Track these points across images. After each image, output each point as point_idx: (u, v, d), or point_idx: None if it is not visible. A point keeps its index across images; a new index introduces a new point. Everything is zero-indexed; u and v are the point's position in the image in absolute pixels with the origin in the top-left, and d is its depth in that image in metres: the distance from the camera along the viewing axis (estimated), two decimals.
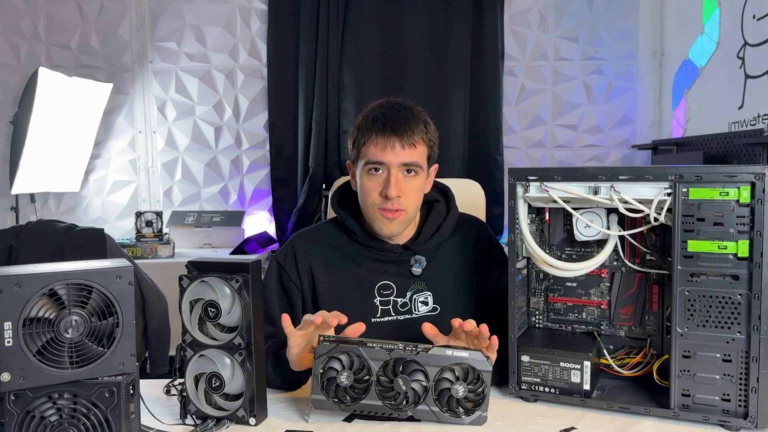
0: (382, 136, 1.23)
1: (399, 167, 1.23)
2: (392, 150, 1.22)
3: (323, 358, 1.03)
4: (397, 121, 1.24)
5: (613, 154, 3.45)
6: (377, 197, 1.25)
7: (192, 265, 1.02)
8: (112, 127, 3.51)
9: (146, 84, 3.49)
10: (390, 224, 1.26)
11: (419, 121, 1.26)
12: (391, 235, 1.29)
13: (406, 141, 1.23)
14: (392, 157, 1.23)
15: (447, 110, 3.32)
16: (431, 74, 3.33)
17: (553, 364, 1.10)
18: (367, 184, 1.26)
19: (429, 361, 1.00)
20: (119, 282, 0.90)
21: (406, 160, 1.23)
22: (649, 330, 1.16)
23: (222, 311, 0.99)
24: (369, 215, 1.28)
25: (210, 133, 3.51)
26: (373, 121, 1.25)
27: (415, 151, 1.24)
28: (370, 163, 1.24)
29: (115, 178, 3.54)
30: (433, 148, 1.29)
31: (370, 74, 3.32)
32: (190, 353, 1.02)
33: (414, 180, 1.25)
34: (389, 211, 1.25)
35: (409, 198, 1.25)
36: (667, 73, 3.29)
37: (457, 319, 1.05)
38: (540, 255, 1.10)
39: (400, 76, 3.33)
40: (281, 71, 3.39)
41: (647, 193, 1.01)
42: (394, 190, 1.22)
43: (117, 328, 0.90)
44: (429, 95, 3.31)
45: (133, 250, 3.04)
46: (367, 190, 1.26)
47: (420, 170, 1.26)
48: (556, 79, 3.42)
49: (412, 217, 1.30)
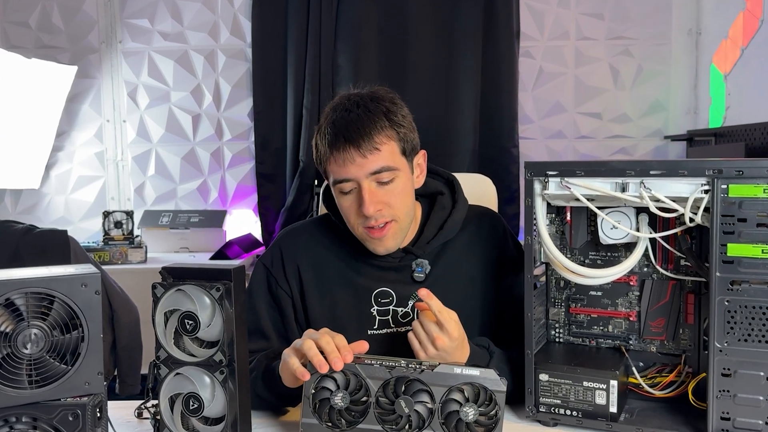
0: (336, 150, 1.20)
1: (368, 178, 1.21)
2: (352, 163, 1.19)
3: (315, 376, 1.03)
4: (348, 127, 1.20)
5: (643, 146, 3.45)
6: (357, 217, 1.24)
7: (167, 272, 1.02)
8: (77, 115, 3.51)
9: (115, 67, 3.49)
10: (382, 242, 1.26)
11: (377, 115, 1.22)
12: (386, 252, 1.29)
13: (364, 148, 1.19)
14: (355, 170, 1.20)
15: (455, 96, 3.32)
16: (437, 55, 3.33)
17: (576, 384, 1.10)
18: (343, 205, 1.26)
19: (435, 380, 1.00)
20: (84, 291, 0.90)
21: (372, 168, 1.20)
22: (683, 345, 1.16)
23: (201, 324, 0.99)
24: (357, 236, 1.28)
25: (187, 123, 3.51)
26: (324, 135, 1.23)
27: (380, 154, 1.20)
28: (336, 182, 1.23)
29: (80, 174, 3.54)
30: (406, 138, 1.25)
31: (369, 56, 3.32)
32: (164, 371, 1.02)
33: (393, 185, 1.23)
34: (375, 230, 1.24)
35: (394, 206, 1.24)
36: (705, 54, 3.29)
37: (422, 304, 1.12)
38: (560, 260, 1.10)
39: (402, 57, 3.33)
40: (268, 52, 3.39)
41: (682, 191, 1.01)
42: (371, 207, 1.20)
43: (82, 342, 0.90)
44: (434, 79, 3.31)
45: (101, 254, 3.04)
46: (346, 211, 1.26)
47: (396, 171, 1.23)
48: (578, 61, 3.42)
49: (407, 225, 1.29)
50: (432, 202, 1.37)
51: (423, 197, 1.38)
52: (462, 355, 1.13)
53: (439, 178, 1.40)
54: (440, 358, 1.09)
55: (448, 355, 1.10)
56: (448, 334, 1.09)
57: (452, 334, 1.09)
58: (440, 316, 1.09)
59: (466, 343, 1.15)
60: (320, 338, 1.04)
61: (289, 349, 1.09)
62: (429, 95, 3.29)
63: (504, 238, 1.38)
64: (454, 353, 1.11)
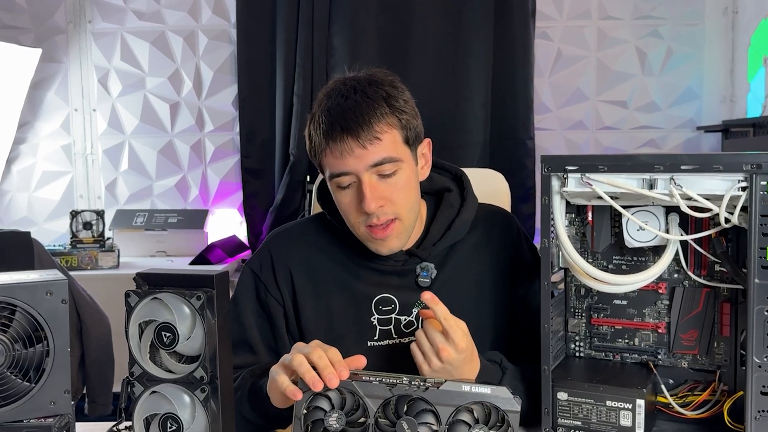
0: (332, 140, 1.21)
1: (368, 170, 1.21)
2: (351, 154, 1.20)
3: (307, 394, 1.03)
4: (345, 115, 1.20)
5: (673, 138, 3.46)
6: (358, 215, 1.24)
7: (142, 278, 1.02)
8: (41, 103, 3.51)
9: (84, 49, 3.49)
10: (385, 242, 1.26)
11: (377, 101, 1.22)
12: (390, 253, 1.29)
13: (364, 138, 1.20)
14: (354, 162, 1.21)
15: (463, 83, 3.32)
16: (444, 37, 3.32)
17: (598, 404, 1.10)
18: (342, 201, 1.26)
19: (441, 399, 1.00)
20: (50, 299, 0.90)
21: (373, 160, 1.21)
22: (718, 360, 1.16)
23: (180, 336, 0.99)
24: (359, 236, 1.28)
25: (165, 112, 3.51)
26: (318, 125, 1.23)
27: (381, 144, 1.21)
28: (333, 176, 1.24)
29: (45, 169, 3.54)
30: (409, 125, 1.26)
31: (367, 37, 3.32)
32: (139, 389, 1.02)
33: (396, 178, 1.23)
34: (378, 228, 1.24)
35: (397, 202, 1.24)
36: (742, 36, 3.29)
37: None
38: (581, 265, 1.10)
39: (405, 39, 3.33)
40: (254, 33, 3.39)
41: (716, 188, 1.01)
42: (372, 202, 1.21)
43: (47, 357, 0.90)
44: (440, 63, 3.31)
45: (68, 258, 3.04)
46: (345, 208, 1.26)
47: (399, 163, 1.23)
48: (601, 43, 3.42)
49: (412, 223, 1.30)
50: (438, 200, 1.37)
51: (428, 195, 1.38)
52: (471, 370, 1.13)
53: (446, 174, 1.40)
54: (446, 372, 1.09)
55: (454, 369, 1.10)
56: (455, 345, 1.09)
57: (459, 345, 1.09)
58: (446, 323, 1.09)
59: (476, 356, 1.15)
60: (312, 352, 1.04)
61: (278, 366, 1.08)
62: (434, 81, 3.29)
63: (518, 240, 1.38)
64: (462, 367, 1.11)
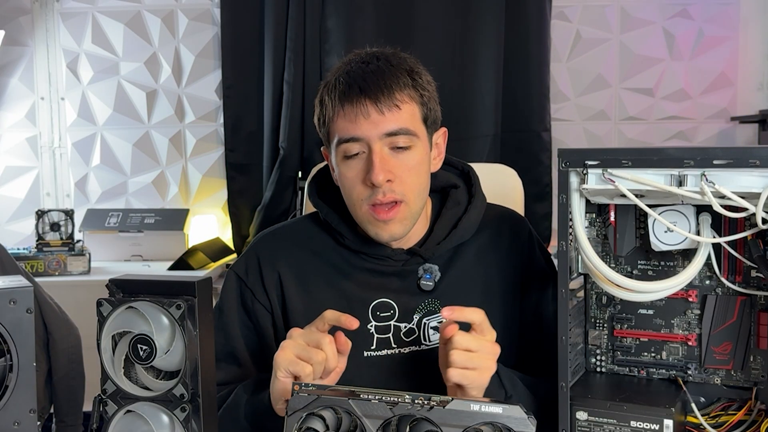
0: (348, 102, 1.23)
1: (382, 140, 1.23)
2: (366, 118, 1.22)
3: (298, 415, 1.03)
4: (365, 77, 1.23)
5: (704, 130, 3.46)
6: (362, 189, 1.25)
7: (115, 285, 1.02)
8: (4, 91, 3.51)
9: (51, 31, 3.49)
10: (387, 226, 1.27)
11: (400, 71, 1.25)
12: (391, 240, 1.30)
13: (383, 102, 1.22)
14: (368, 128, 1.22)
15: (472, 68, 3.32)
16: (450, 18, 3.33)
17: (621, 424, 1.10)
18: (346, 175, 1.27)
19: (447, 419, 1.00)
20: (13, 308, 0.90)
21: (389, 129, 1.23)
22: (755, 376, 1.16)
23: (157, 349, 0.99)
24: (359, 218, 1.29)
25: (141, 101, 3.51)
26: (334, 86, 1.25)
27: (400, 113, 1.23)
28: (342, 142, 1.25)
29: (8, 164, 3.54)
30: (429, 105, 1.28)
31: (364, 18, 3.32)
32: (112, 408, 1.02)
33: (408, 155, 1.25)
34: (382, 208, 1.25)
35: (405, 182, 1.25)
36: None
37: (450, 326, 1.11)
38: (603, 271, 1.10)
39: (406, 20, 3.33)
40: (240, 13, 3.39)
41: (753, 185, 1.01)
42: (381, 173, 1.22)
43: (10, 372, 0.90)
44: (446, 47, 3.32)
45: (33, 263, 3.04)
46: (348, 183, 1.27)
47: (414, 139, 1.25)
48: (624, 24, 3.42)
49: (418, 211, 1.30)
50: (443, 198, 1.38)
51: (433, 192, 1.39)
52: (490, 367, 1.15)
53: (452, 169, 1.41)
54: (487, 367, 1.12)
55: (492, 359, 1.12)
56: (489, 331, 1.13)
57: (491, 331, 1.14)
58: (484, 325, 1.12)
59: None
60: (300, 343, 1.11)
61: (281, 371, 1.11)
62: (439, 67, 3.28)
63: (530, 245, 1.39)
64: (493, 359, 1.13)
